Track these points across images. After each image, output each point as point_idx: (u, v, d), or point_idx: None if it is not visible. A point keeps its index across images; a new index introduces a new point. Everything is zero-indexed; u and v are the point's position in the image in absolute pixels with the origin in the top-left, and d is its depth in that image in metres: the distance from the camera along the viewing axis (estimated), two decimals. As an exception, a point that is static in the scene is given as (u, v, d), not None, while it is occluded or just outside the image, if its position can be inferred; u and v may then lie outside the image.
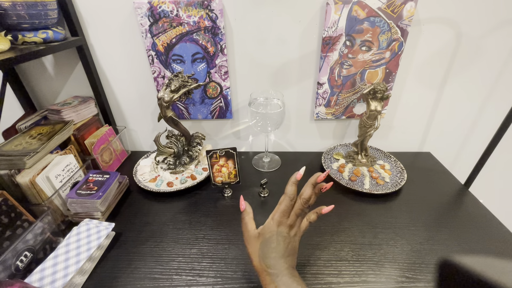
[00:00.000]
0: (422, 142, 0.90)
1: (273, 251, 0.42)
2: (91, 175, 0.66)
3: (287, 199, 0.46)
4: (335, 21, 0.67)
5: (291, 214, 0.46)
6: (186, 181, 0.73)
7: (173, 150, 0.76)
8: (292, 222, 0.46)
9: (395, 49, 0.71)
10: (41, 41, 0.62)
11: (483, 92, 0.79)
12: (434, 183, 0.74)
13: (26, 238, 0.49)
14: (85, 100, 0.78)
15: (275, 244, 0.43)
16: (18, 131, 0.70)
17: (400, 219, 0.62)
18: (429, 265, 0.52)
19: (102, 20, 0.71)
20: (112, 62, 0.77)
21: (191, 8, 0.67)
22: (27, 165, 0.57)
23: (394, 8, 0.66)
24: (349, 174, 0.76)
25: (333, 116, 0.83)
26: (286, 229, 0.45)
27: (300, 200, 0.46)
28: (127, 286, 0.49)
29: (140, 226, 0.62)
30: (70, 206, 0.61)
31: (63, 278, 0.48)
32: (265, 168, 0.81)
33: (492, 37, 0.70)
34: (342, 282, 0.49)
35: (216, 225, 0.62)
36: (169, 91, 0.67)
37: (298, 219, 0.47)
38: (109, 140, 0.79)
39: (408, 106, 0.82)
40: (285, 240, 0.44)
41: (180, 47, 0.72)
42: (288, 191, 0.46)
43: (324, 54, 0.72)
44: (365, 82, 0.76)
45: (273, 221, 0.45)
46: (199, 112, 0.83)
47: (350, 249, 0.55)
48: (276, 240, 0.43)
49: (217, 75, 0.77)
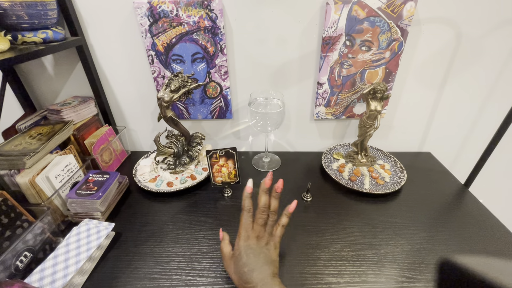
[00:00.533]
0: (422, 142, 0.90)
1: (244, 266, 0.43)
2: (91, 175, 0.66)
3: (245, 213, 0.47)
4: (335, 21, 0.67)
5: (254, 226, 0.47)
6: (186, 181, 0.73)
7: (173, 150, 0.76)
8: (258, 232, 0.46)
9: (395, 49, 0.71)
10: (40, 41, 0.62)
11: (483, 92, 0.79)
12: (434, 183, 0.74)
13: (26, 238, 0.49)
14: (85, 100, 0.78)
15: (245, 259, 0.44)
16: (18, 131, 0.70)
17: (400, 219, 0.62)
18: (429, 265, 0.52)
19: (102, 20, 0.71)
20: (112, 62, 0.77)
21: (191, 8, 0.67)
22: (27, 165, 0.57)
23: (394, 8, 0.65)
24: (349, 174, 0.76)
25: (333, 116, 0.83)
26: (253, 242, 0.45)
27: (258, 209, 0.48)
28: (127, 286, 0.49)
29: (140, 226, 0.62)
30: (70, 206, 0.61)
31: (63, 278, 0.48)
32: (265, 168, 0.81)
33: (492, 37, 0.70)
34: (342, 282, 0.49)
35: (216, 225, 0.61)
36: (169, 91, 0.67)
37: (265, 228, 0.47)
38: (109, 140, 0.79)
39: (408, 106, 0.82)
40: (255, 252, 0.44)
41: (180, 47, 0.72)
42: (244, 205, 0.48)
43: (324, 54, 0.72)
44: (365, 82, 0.76)
45: (239, 238, 0.46)
46: (199, 112, 0.83)
47: (350, 249, 0.55)
48: (245, 255, 0.44)
49: (217, 75, 0.77)
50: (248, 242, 0.45)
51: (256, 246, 0.45)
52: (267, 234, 0.47)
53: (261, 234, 0.47)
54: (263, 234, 0.47)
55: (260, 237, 0.46)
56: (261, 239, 0.46)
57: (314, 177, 0.77)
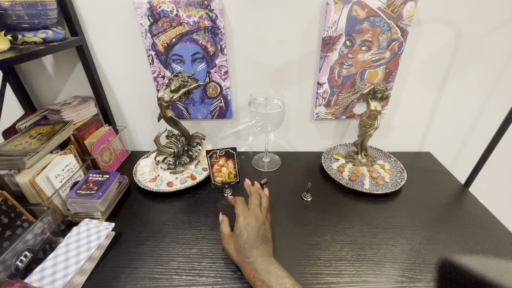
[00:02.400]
0: (422, 142, 0.90)
1: (245, 243, 0.47)
2: (91, 175, 0.66)
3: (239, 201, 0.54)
4: (335, 21, 0.67)
5: (250, 207, 0.52)
6: (186, 181, 0.73)
7: (173, 150, 0.76)
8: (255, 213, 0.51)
9: (395, 49, 0.71)
10: (40, 41, 0.62)
11: (483, 91, 0.79)
12: (434, 183, 0.74)
13: (26, 238, 0.49)
14: (85, 100, 0.78)
15: (246, 236, 0.47)
16: (18, 131, 0.70)
17: (400, 219, 0.62)
18: (429, 265, 0.52)
19: (102, 20, 0.71)
20: (112, 62, 0.77)
21: (191, 8, 0.67)
22: (27, 165, 0.57)
23: (394, 8, 0.65)
24: (349, 174, 0.76)
25: (333, 116, 0.83)
26: (252, 220, 0.50)
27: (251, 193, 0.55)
28: (127, 286, 0.49)
29: (140, 226, 0.62)
30: (70, 206, 0.61)
31: (63, 278, 0.48)
32: (265, 168, 0.81)
33: (493, 37, 0.70)
34: (342, 282, 0.49)
35: (216, 225, 0.61)
36: (169, 91, 0.67)
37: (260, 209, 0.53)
38: (109, 140, 0.79)
39: (408, 106, 0.82)
40: (254, 230, 0.48)
41: (180, 47, 0.72)
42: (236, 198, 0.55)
43: (324, 54, 0.72)
44: (365, 82, 0.76)
45: (238, 219, 0.50)
46: (199, 112, 0.83)
47: (350, 249, 0.55)
48: (246, 233, 0.48)
49: (217, 75, 0.77)
50: (248, 220, 0.49)
51: (255, 224, 0.49)
52: (263, 216, 0.52)
53: (258, 214, 0.51)
54: (260, 215, 0.51)
55: (258, 217, 0.51)
56: (259, 218, 0.50)
57: (314, 177, 0.77)
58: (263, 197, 0.56)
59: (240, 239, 0.48)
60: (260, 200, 0.55)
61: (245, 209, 0.52)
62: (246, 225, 0.49)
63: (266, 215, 0.53)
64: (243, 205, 0.52)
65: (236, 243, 0.48)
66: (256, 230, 0.48)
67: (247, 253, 0.46)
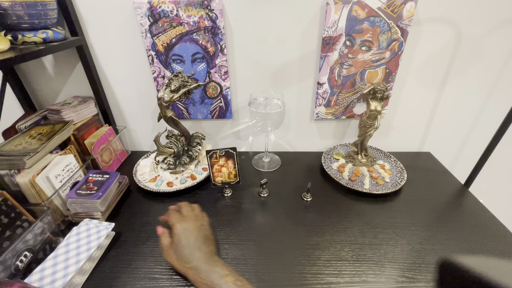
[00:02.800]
0: (422, 142, 0.90)
1: (186, 247, 0.46)
2: (91, 175, 0.66)
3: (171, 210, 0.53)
4: (335, 21, 0.67)
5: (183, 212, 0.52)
6: (186, 181, 0.73)
7: (173, 150, 0.76)
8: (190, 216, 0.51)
9: (395, 49, 0.71)
10: (40, 41, 0.62)
11: (483, 91, 0.79)
12: (434, 183, 0.74)
13: (26, 238, 0.49)
14: (85, 100, 0.78)
15: (184, 241, 0.47)
16: (18, 131, 0.70)
17: (400, 219, 0.62)
18: (429, 265, 0.52)
19: (102, 20, 0.71)
20: (112, 62, 0.77)
21: (191, 8, 0.67)
22: (27, 165, 0.57)
23: (394, 8, 0.65)
24: (349, 174, 0.76)
25: (333, 116, 0.83)
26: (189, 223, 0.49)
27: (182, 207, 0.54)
28: (127, 286, 0.49)
29: (140, 226, 0.62)
30: (70, 206, 0.61)
31: (63, 278, 0.48)
32: (265, 168, 0.81)
33: (492, 37, 0.70)
34: (342, 282, 0.49)
35: (216, 225, 0.61)
36: (169, 91, 0.67)
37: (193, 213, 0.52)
38: (109, 140, 0.79)
39: (408, 106, 0.82)
40: (193, 233, 0.48)
41: (180, 47, 0.72)
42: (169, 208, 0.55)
43: (324, 54, 0.72)
44: (365, 82, 0.76)
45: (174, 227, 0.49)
46: (199, 112, 0.83)
47: (350, 249, 0.55)
48: (184, 237, 0.47)
49: (217, 75, 0.77)
50: (184, 225, 0.49)
51: (193, 226, 0.49)
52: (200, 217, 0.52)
53: (194, 217, 0.51)
54: (196, 217, 0.51)
55: (194, 219, 0.50)
56: (196, 220, 0.50)
57: (314, 177, 0.77)
58: (193, 205, 0.56)
59: (180, 246, 0.47)
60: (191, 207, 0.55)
61: (179, 217, 0.51)
62: (184, 229, 0.48)
63: (202, 216, 0.53)
64: (176, 214, 0.51)
65: (176, 252, 0.47)
66: (195, 232, 0.48)
67: (188, 257, 0.45)
